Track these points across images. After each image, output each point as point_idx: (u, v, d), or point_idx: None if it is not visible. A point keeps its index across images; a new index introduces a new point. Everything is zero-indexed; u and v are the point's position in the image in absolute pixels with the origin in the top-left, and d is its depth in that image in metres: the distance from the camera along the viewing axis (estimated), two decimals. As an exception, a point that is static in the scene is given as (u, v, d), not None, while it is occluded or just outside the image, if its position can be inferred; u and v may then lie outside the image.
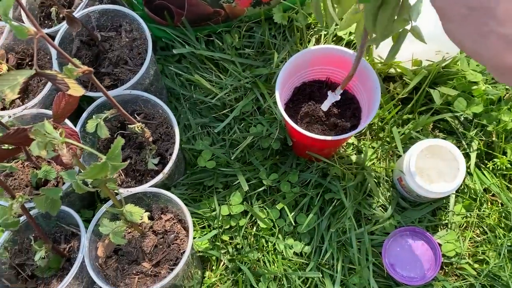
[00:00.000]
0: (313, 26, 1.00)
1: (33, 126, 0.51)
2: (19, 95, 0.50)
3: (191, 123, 0.94)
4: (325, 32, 0.98)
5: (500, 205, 0.86)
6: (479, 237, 0.85)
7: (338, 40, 0.99)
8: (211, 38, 0.99)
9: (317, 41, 1.00)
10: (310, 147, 0.83)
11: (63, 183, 0.80)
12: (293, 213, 0.87)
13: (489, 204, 0.86)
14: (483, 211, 0.85)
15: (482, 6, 0.35)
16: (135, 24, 0.87)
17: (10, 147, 0.64)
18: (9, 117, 0.81)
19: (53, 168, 0.73)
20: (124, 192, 0.75)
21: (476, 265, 0.83)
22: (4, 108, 0.85)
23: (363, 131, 0.92)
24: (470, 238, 0.85)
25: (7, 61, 0.89)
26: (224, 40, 0.98)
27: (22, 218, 0.74)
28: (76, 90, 0.54)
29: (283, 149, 0.91)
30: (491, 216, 0.85)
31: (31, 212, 0.72)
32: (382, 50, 0.92)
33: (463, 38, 0.38)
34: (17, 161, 0.82)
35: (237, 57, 0.97)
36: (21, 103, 0.85)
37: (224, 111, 0.94)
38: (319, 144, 0.79)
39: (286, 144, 0.90)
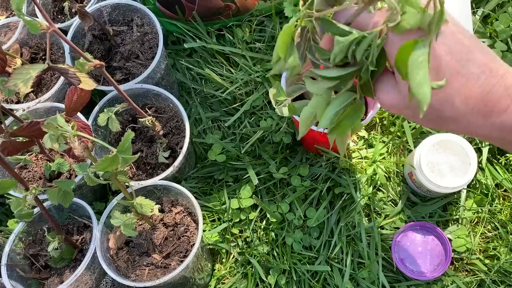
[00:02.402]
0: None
1: (46, 119, 0.52)
2: (32, 89, 0.51)
3: (201, 117, 0.95)
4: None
5: (512, 200, 0.85)
6: (490, 232, 0.84)
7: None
8: (222, 32, 0.99)
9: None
10: (317, 140, 0.83)
11: (76, 176, 0.81)
12: (302, 207, 0.87)
13: (501, 199, 0.86)
14: (495, 206, 0.85)
15: (436, 116, 0.41)
16: (147, 19, 0.88)
17: (24, 140, 0.65)
18: (23, 110, 0.82)
19: (66, 161, 0.75)
20: (135, 184, 0.76)
21: (487, 261, 0.82)
22: (18, 102, 0.86)
23: (372, 123, 0.92)
24: (481, 233, 0.84)
25: (21, 55, 0.91)
26: (235, 34, 0.98)
27: (36, 210, 0.75)
28: (88, 84, 0.55)
29: (293, 143, 0.92)
30: (503, 212, 0.84)
31: (45, 204, 0.73)
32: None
33: (421, 124, 0.48)
34: (31, 154, 0.84)
35: (248, 51, 0.97)
36: (34, 97, 0.86)
37: (235, 105, 0.95)
38: (324, 138, 0.79)
39: (296, 139, 0.90)
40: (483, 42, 0.92)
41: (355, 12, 0.41)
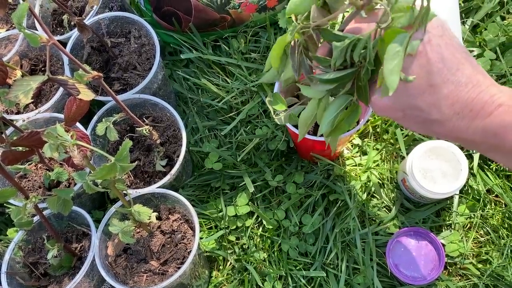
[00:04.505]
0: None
1: (45, 129, 0.54)
2: (32, 100, 0.53)
3: (198, 126, 0.96)
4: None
5: (503, 205, 0.87)
6: (483, 237, 0.86)
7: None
8: (218, 43, 1.02)
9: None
10: (311, 148, 0.84)
11: (75, 184, 0.82)
12: (298, 214, 0.89)
13: (492, 204, 0.87)
14: (487, 211, 0.86)
15: (410, 107, 0.44)
16: (144, 30, 0.90)
17: (24, 150, 0.66)
18: (23, 121, 0.84)
19: (65, 170, 0.76)
20: (133, 192, 0.77)
21: (479, 265, 0.84)
22: (18, 112, 0.88)
23: (366, 131, 0.93)
24: (473, 238, 0.85)
25: (21, 67, 0.92)
26: (230, 45, 1.01)
27: (36, 218, 0.77)
28: (86, 95, 0.56)
29: (288, 151, 0.93)
30: (495, 217, 0.86)
31: (44, 213, 0.74)
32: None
33: (410, 128, 0.48)
34: (31, 163, 0.85)
35: (243, 61, 0.99)
36: (34, 108, 0.88)
37: (231, 114, 0.96)
38: (318, 146, 0.81)
39: (291, 146, 0.92)
40: (473, 51, 0.94)
41: (347, 18, 0.44)
